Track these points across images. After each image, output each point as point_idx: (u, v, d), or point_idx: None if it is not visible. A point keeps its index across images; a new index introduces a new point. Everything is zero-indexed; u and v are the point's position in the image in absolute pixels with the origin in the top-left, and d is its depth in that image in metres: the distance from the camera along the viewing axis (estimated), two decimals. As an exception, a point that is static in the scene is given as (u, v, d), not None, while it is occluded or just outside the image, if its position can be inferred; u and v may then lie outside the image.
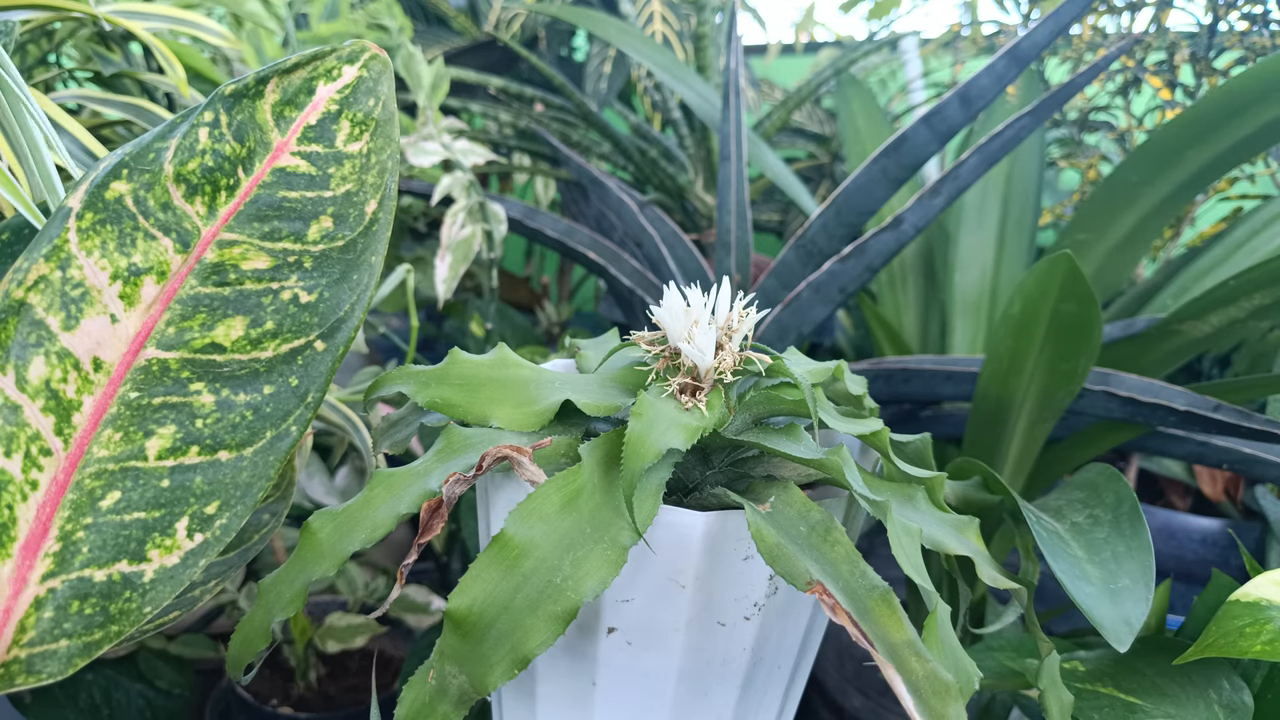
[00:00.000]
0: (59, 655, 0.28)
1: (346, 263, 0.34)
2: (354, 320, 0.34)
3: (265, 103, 0.34)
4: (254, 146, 0.33)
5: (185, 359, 0.31)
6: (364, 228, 0.34)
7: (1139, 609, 0.37)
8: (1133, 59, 0.80)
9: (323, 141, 0.34)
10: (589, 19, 0.92)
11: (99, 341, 0.30)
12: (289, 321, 0.33)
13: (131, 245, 0.31)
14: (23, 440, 0.29)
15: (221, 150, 0.33)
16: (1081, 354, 0.53)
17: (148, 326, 0.31)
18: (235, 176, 0.33)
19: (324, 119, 0.34)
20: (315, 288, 0.33)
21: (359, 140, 0.35)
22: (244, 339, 0.32)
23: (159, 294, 0.31)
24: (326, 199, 0.34)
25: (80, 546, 0.29)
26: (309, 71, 0.34)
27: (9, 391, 0.29)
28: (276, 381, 0.32)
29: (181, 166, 0.32)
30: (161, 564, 0.30)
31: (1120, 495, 0.42)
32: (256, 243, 0.33)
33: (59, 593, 0.29)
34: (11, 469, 0.29)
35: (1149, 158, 0.65)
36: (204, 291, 0.32)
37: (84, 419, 0.30)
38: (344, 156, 0.34)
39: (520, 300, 1.19)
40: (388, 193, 0.35)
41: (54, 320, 0.30)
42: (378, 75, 0.35)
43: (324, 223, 0.34)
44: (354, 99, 0.35)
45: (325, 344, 0.33)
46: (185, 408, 0.31)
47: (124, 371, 0.31)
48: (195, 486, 0.31)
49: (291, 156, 0.34)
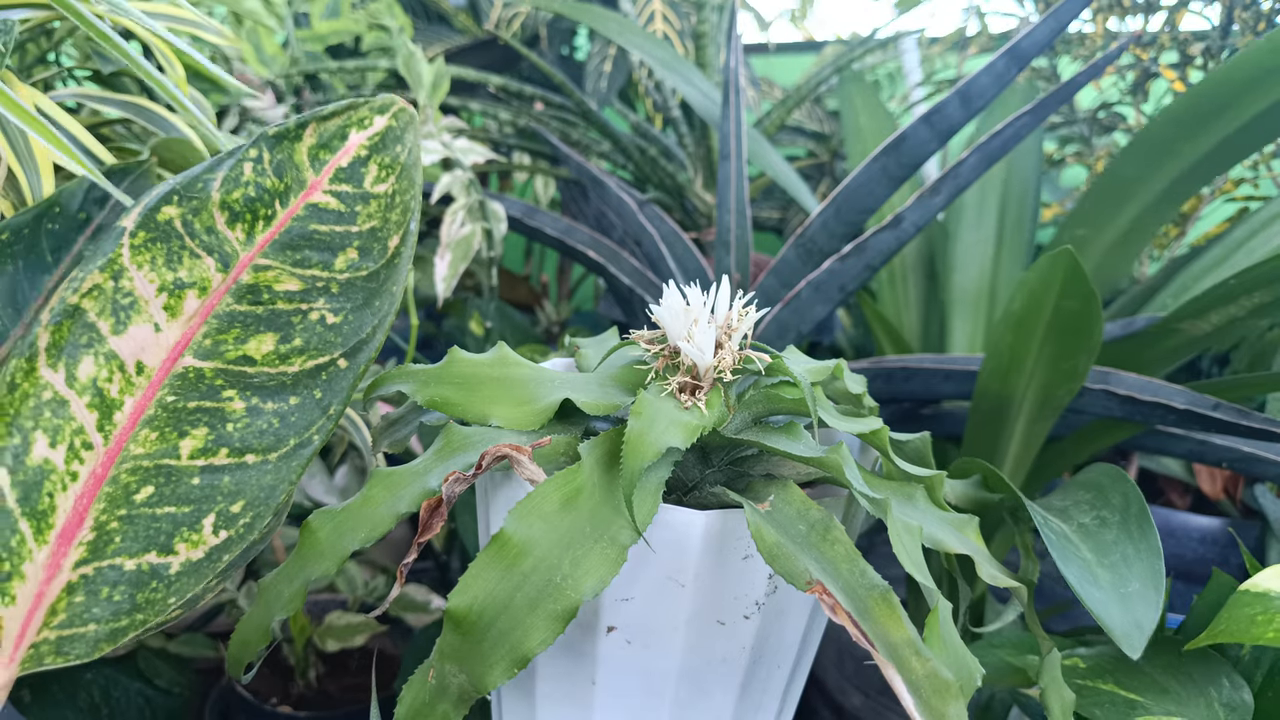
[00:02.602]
0: (87, 639, 0.30)
1: (370, 290, 0.37)
2: (375, 342, 0.37)
3: (303, 145, 0.37)
4: (291, 183, 0.37)
5: (219, 369, 0.34)
6: (387, 260, 0.38)
7: (1150, 613, 0.37)
8: (1146, 54, 0.79)
9: (352, 182, 0.38)
10: (590, 14, 0.91)
11: (143, 347, 0.33)
12: (316, 340, 0.36)
13: (178, 262, 0.34)
14: (68, 433, 0.31)
15: (262, 184, 0.36)
16: (1082, 351, 0.53)
17: (187, 337, 0.34)
18: (273, 208, 0.36)
19: (355, 162, 0.38)
20: (340, 310, 0.36)
21: (385, 182, 0.38)
22: (274, 354, 0.35)
23: (199, 308, 0.34)
24: (353, 233, 0.37)
25: (113, 536, 0.31)
26: (344, 120, 0.38)
27: (59, 387, 0.31)
28: (302, 393, 0.35)
29: (227, 195, 0.35)
30: (188, 557, 0.32)
31: (1128, 496, 0.42)
32: (289, 268, 0.36)
33: (90, 579, 0.31)
34: (55, 459, 0.31)
35: (1142, 152, 0.65)
36: (239, 309, 0.35)
37: (124, 417, 0.32)
38: (371, 196, 0.38)
39: (520, 299, 1.19)
40: (410, 229, 0.38)
41: (104, 325, 0.32)
42: (405, 125, 0.39)
43: (350, 254, 0.37)
44: (383, 145, 0.39)
45: (348, 362, 0.36)
46: (218, 413, 0.34)
47: (164, 376, 0.33)
48: (223, 486, 0.33)
49: (323, 194, 0.37)
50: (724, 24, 1.04)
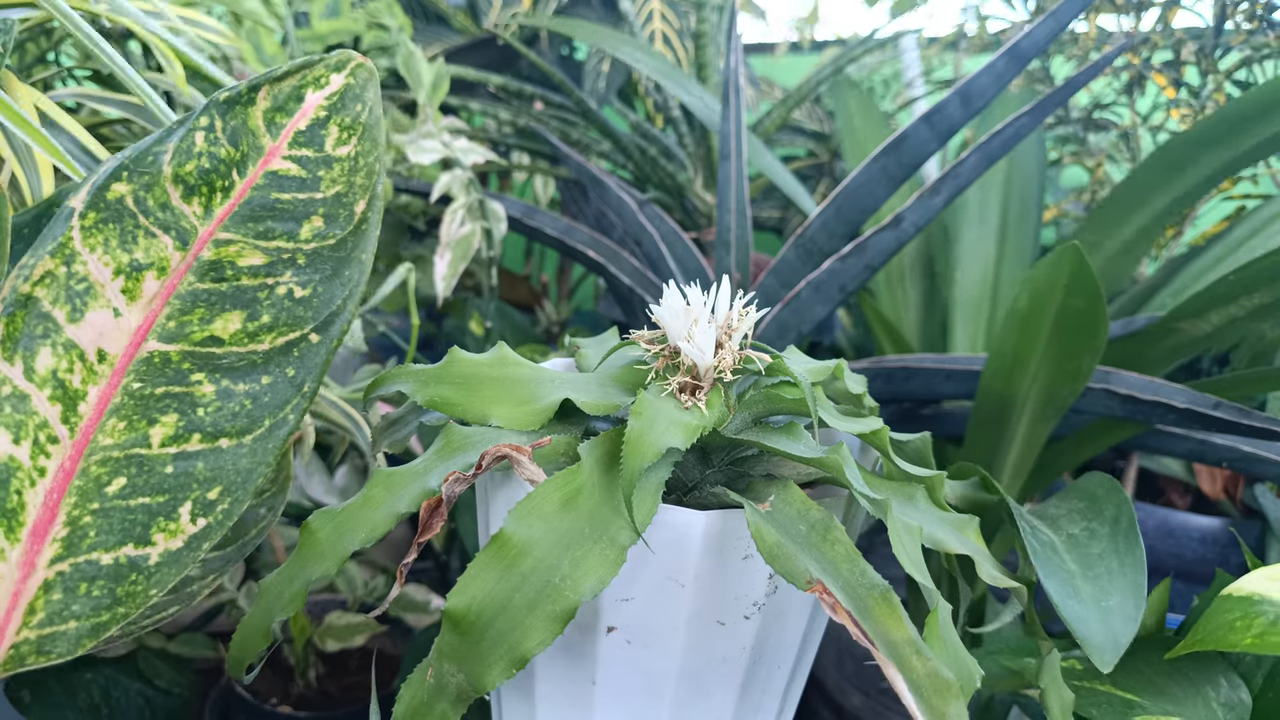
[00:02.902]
0: (68, 636, 0.29)
1: (338, 260, 0.35)
2: (347, 314, 0.35)
3: (257, 109, 0.35)
4: (247, 151, 0.35)
5: (186, 351, 0.33)
6: (354, 227, 0.36)
7: (1128, 628, 0.37)
8: (1139, 57, 0.80)
9: (312, 146, 0.36)
10: (584, 30, 0.91)
11: (103, 333, 0.31)
12: (284, 315, 0.34)
13: (133, 242, 0.32)
14: (31, 428, 0.30)
15: (217, 154, 0.34)
16: (1087, 351, 0.53)
17: (149, 320, 0.32)
18: (230, 179, 0.34)
19: (313, 124, 0.36)
20: (309, 283, 0.35)
21: (347, 144, 0.36)
22: (241, 332, 0.33)
23: (160, 289, 0.33)
24: (317, 200, 0.35)
25: (87, 531, 0.30)
26: (298, 80, 0.36)
27: (17, 381, 0.30)
28: (274, 372, 0.34)
29: (179, 168, 0.33)
30: (166, 547, 0.31)
31: (1119, 509, 0.43)
32: (251, 241, 0.34)
33: (67, 575, 0.30)
34: (20, 456, 0.30)
35: (1163, 162, 0.65)
36: (202, 287, 0.33)
37: (89, 408, 0.31)
38: (333, 160, 0.36)
39: (520, 299, 1.19)
40: (376, 193, 0.36)
41: (60, 313, 0.31)
42: (364, 82, 0.37)
43: (315, 222, 0.35)
44: (342, 105, 0.36)
45: (320, 336, 0.35)
46: (187, 397, 0.32)
47: (127, 363, 0.32)
48: (198, 472, 0.32)
49: (283, 160, 0.35)
50: (724, 24, 1.04)
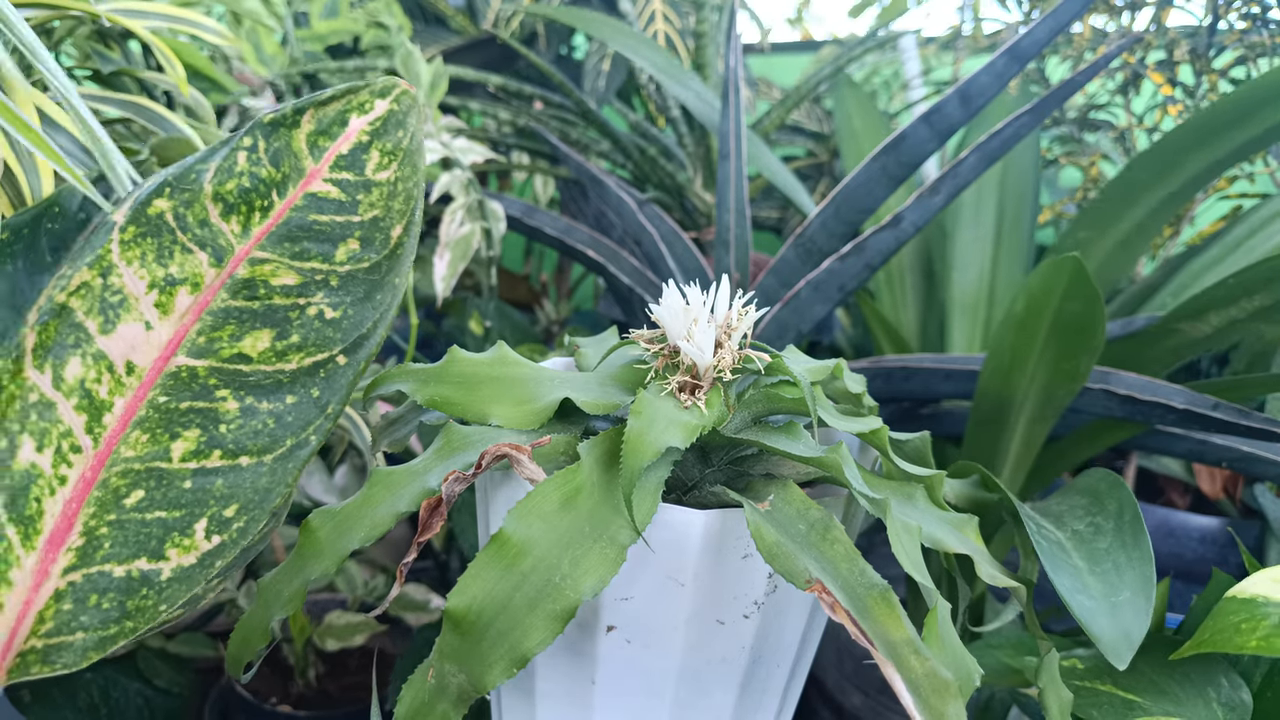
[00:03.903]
0: (74, 647, 0.29)
1: (371, 283, 0.36)
2: (376, 337, 0.35)
3: (301, 132, 0.36)
4: (288, 172, 0.35)
5: (213, 367, 0.33)
6: (389, 251, 0.36)
7: (1140, 623, 0.37)
8: (1133, 56, 0.80)
9: (353, 170, 0.36)
10: (585, 20, 0.91)
11: (133, 346, 0.32)
12: (314, 336, 0.34)
13: (169, 258, 0.33)
14: (55, 436, 0.30)
15: (258, 174, 0.35)
16: (1084, 353, 0.53)
17: (180, 335, 0.33)
18: (269, 199, 0.35)
19: (355, 149, 0.36)
20: (340, 305, 0.35)
21: (387, 169, 0.37)
22: (270, 351, 0.34)
23: (192, 304, 0.33)
24: (355, 223, 0.36)
25: (102, 542, 0.30)
26: (344, 104, 0.37)
27: (45, 389, 0.30)
28: (299, 392, 0.34)
29: (220, 187, 0.34)
30: (179, 563, 0.31)
31: (1123, 503, 0.42)
32: (286, 261, 0.35)
33: (79, 586, 0.30)
34: (42, 464, 0.30)
35: (1156, 158, 0.65)
36: (234, 305, 0.34)
37: (114, 419, 0.31)
38: (373, 184, 0.36)
39: (519, 298, 1.19)
40: (413, 219, 0.37)
41: (92, 324, 0.31)
42: (407, 109, 0.37)
43: (351, 245, 0.36)
44: (384, 131, 0.37)
45: (347, 359, 0.35)
46: (211, 413, 0.32)
47: (155, 376, 0.32)
48: (216, 489, 0.32)
49: (323, 183, 0.36)
50: (723, 24, 1.04)
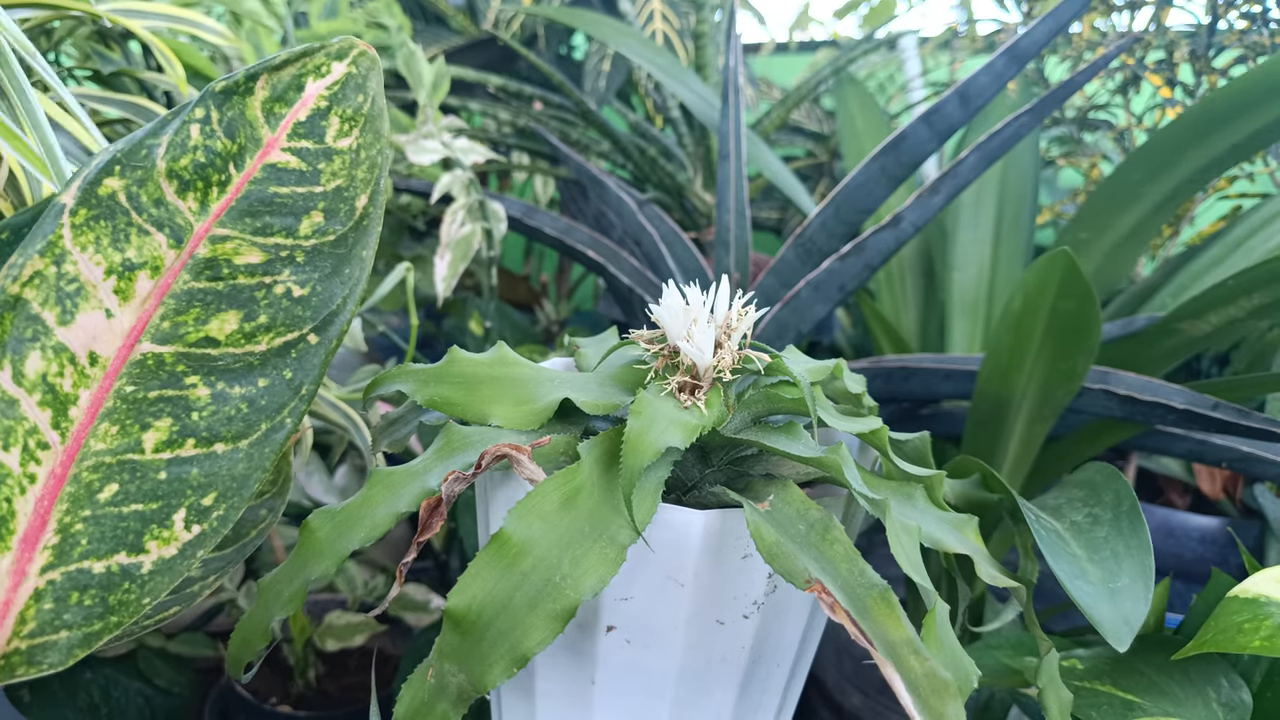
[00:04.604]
0: (59, 646, 0.29)
1: (338, 257, 0.34)
2: (346, 313, 0.34)
3: (255, 99, 0.34)
4: (245, 143, 0.33)
5: (180, 353, 0.31)
6: (355, 222, 0.34)
7: (1139, 608, 0.37)
8: (1132, 57, 0.80)
9: (313, 137, 0.34)
10: (585, 20, 0.91)
11: (95, 336, 0.30)
12: (282, 315, 0.33)
13: (125, 241, 0.31)
14: (20, 434, 0.29)
15: (213, 146, 0.33)
16: (1080, 352, 0.53)
17: (142, 321, 0.31)
18: (227, 173, 0.33)
19: (314, 115, 0.34)
20: (308, 282, 0.33)
21: (349, 136, 0.35)
22: (238, 333, 0.32)
23: (153, 289, 0.31)
24: (317, 194, 0.34)
25: (79, 539, 0.29)
26: (298, 68, 0.34)
27: (6, 386, 0.29)
28: (271, 374, 0.32)
29: (174, 163, 0.32)
30: (160, 555, 0.30)
31: (1120, 494, 0.42)
32: (249, 238, 0.33)
33: (58, 584, 0.29)
34: (10, 462, 0.29)
35: (1151, 156, 0.65)
36: (197, 286, 0.32)
37: (81, 413, 0.30)
38: (334, 152, 0.34)
39: (519, 298, 1.19)
40: (378, 187, 0.35)
41: (50, 315, 0.30)
42: (366, 71, 0.35)
43: (315, 218, 0.34)
44: (343, 95, 0.35)
45: (318, 337, 0.33)
46: (181, 401, 0.31)
47: (120, 366, 0.31)
48: (192, 479, 0.31)
49: (282, 152, 0.34)
50: (723, 24, 1.04)
